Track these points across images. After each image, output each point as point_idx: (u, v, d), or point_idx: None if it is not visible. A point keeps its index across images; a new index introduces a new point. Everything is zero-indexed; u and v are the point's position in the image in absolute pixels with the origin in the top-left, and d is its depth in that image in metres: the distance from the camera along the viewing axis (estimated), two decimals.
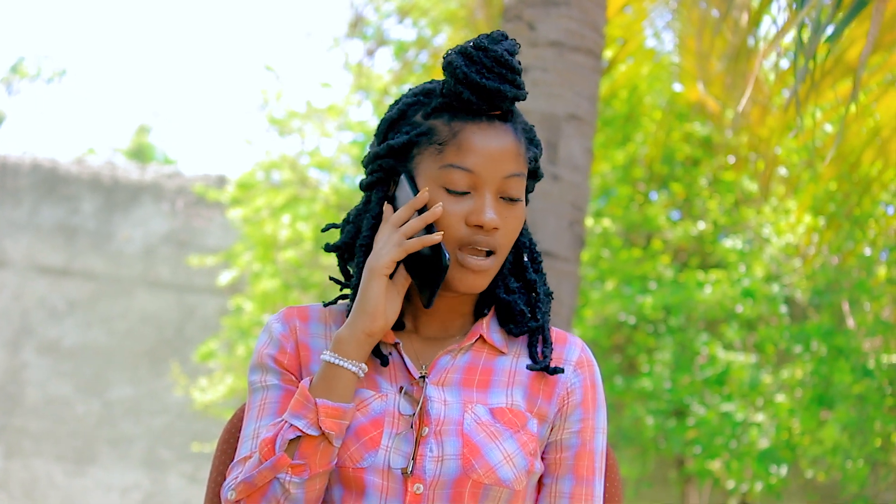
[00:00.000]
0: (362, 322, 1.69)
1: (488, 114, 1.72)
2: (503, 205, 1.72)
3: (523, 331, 1.79)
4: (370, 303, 1.69)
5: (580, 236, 4.03)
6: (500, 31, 1.74)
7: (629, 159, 7.26)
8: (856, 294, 6.12)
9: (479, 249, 1.71)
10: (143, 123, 18.16)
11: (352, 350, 1.69)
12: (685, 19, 5.84)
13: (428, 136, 1.73)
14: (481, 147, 1.70)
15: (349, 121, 8.22)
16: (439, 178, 1.71)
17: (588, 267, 7.05)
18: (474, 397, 1.76)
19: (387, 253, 1.69)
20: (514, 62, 1.71)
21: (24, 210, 10.06)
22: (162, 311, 9.93)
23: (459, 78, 1.70)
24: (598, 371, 1.85)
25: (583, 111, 4.02)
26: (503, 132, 1.72)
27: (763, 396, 6.38)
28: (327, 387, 1.68)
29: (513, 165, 1.72)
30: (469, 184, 1.71)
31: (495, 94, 1.69)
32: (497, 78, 1.70)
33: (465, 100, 1.70)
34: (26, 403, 9.76)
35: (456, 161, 1.70)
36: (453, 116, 1.72)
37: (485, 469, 1.70)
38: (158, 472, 9.67)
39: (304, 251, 7.78)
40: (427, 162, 1.72)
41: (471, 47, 1.71)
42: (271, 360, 1.79)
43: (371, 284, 1.69)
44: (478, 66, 1.70)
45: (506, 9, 4.18)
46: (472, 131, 1.71)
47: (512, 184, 1.72)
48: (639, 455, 6.82)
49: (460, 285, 1.72)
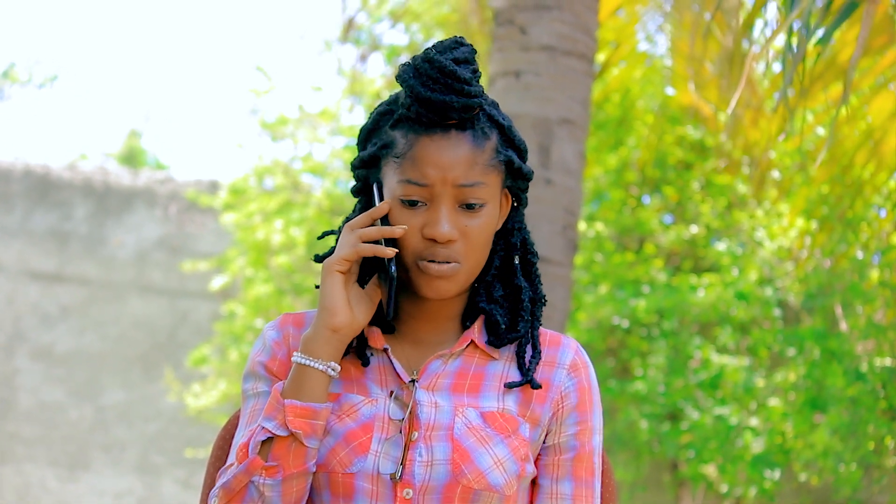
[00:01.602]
0: (323, 318, 1.70)
1: (443, 124, 1.71)
2: (463, 214, 1.72)
3: (502, 342, 1.79)
4: (327, 298, 1.70)
5: (573, 240, 4.03)
6: (453, 38, 1.74)
7: (622, 163, 7.26)
8: (849, 297, 6.12)
9: (438, 260, 1.72)
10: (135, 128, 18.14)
11: (318, 348, 1.69)
12: (677, 23, 5.85)
13: (389, 149, 1.74)
14: (433, 160, 1.70)
15: (341, 126, 8.21)
16: (397, 191, 1.72)
17: (581, 271, 7.05)
18: (465, 401, 1.76)
19: (340, 251, 1.71)
20: (461, 71, 1.69)
21: (17, 216, 10.04)
22: (155, 316, 9.91)
23: (407, 92, 1.71)
24: (594, 372, 1.85)
25: (575, 115, 4.03)
26: (458, 142, 1.71)
27: (756, 400, 6.38)
28: (297, 387, 1.69)
29: (465, 176, 1.71)
30: (424, 196, 1.71)
31: (441, 106, 1.69)
32: (442, 89, 1.69)
33: (415, 113, 1.71)
34: (19, 409, 9.73)
35: (410, 176, 1.71)
36: (410, 129, 1.72)
37: (475, 474, 1.70)
38: (152, 478, 9.65)
39: (297, 256, 7.77)
40: (389, 174, 1.74)
41: (420, 59, 1.71)
42: (262, 368, 1.80)
43: (326, 281, 1.71)
44: (423, 78, 1.70)
45: (498, 13, 4.18)
46: (425, 145, 1.71)
47: (469, 193, 1.71)
48: (633, 459, 6.81)
49: (428, 291, 1.73)
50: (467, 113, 1.71)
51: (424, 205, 1.72)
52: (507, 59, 4.07)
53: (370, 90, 7.97)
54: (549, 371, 1.80)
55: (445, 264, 1.72)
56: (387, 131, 1.76)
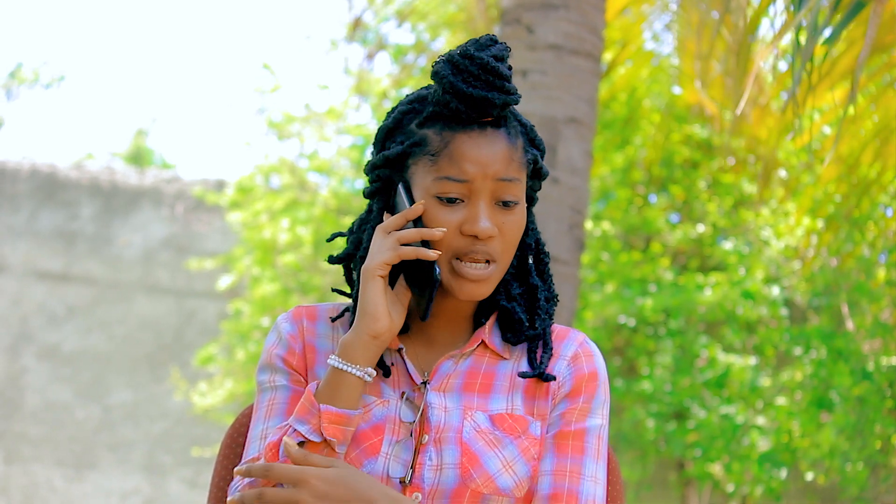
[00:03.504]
0: (365, 324, 1.68)
1: (479, 121, 1.71)
2: (500, 211, 1.72)
3: (521, 339, 1.79)
4: (369, 304, 1.68)
5: (580, 239, 4.02)
6: (488, 36, 1.73)
7: (628, 162, 7.26)
8: (855, 296, 6.12)
9: (476, 258, 1.70)
10: (141, 127, 18.16)
11: (358, 354, 1.68)
12: (684, 21, 5.84)
13: (421, 147, 1.72)
14: (473, 156, 1.69)
15: (348, 124, 8.22)
16: (433, 189, 1.70)
17: (588, 270, 7.05)
18: (475, 403, 1.75)
19: (380, 255, 1.68)
20: (502, 68, 1.69)
21: (23, 215, 10.05)
22: (161, 315, 9.92)
23: (446, 87, 1.69)
24: (601, 361, 1.82)
25: (582, 114, 4.02)
26: (495, 139, 1.71)
27: (763, 399, 6.37)
28: (332, 392, 1.68)
29: (505, 171, 1.71)
30: (462, 193, 1.70)
31: (483, 103, 1.68)
32: (484, 86, 1.68)
33: (453, 109, 1.70)
34: (26, 409, 9.75)
35: (448, 173, 1.69)
36: (445, 126, 1.71)
37: (483, 479, 1.70)
38: (158, 477, 9.66)
39: (304, 255, 7.77)
40: (421, 172, 1.72)
41: (457, 55, 1.70)
42: (280, 361, 1.80)
43: (367, 286, 1.69)
44: (464, 74, 1.69)
45: (504, 12, 4.18)
46: (462, 141, 1.70)
47: (506, 189, 1.71)
48: (639, 458, 6.81)
49: (461, 294, 1.72)
50: (505, 110, 1.71)
51: (462, 202, 1.70)
52: (514, 58, 4.06)
53: (377, 89, 7.97)
54: (552, 364, 1.80)
55: (483, 266, 1.70)
56: (413, 130, 1.74)
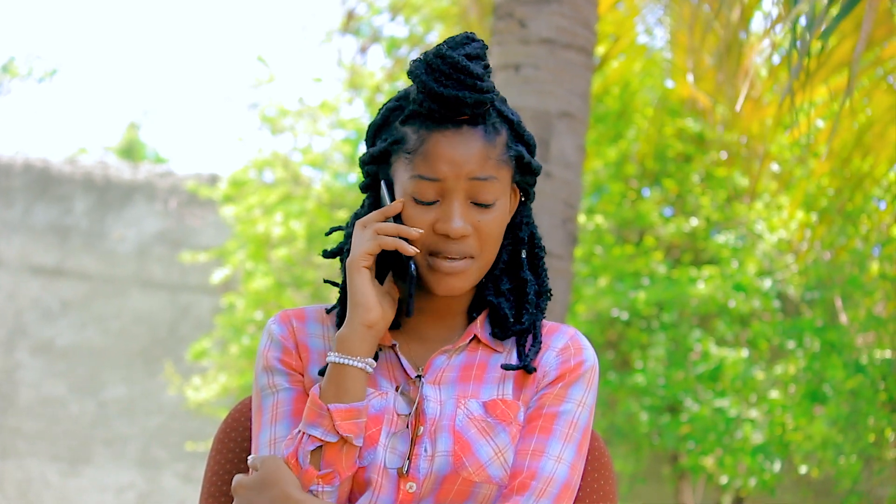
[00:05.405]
0: (357, 315, 1.70)
1: (455, 120, 1.71)
2: (475, 209, 1.72)
3: (507, 334, 1.80)
4: (359, 294, 1.70)
5: (573, 233, 4.03)
6: (465, 34, 1.73)
7: (621, 156, 7.26)
8: (848, 289, 6.12)
9: (451, 256, 1.72)
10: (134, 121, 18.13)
11: (355, 346, 1.70)
12: (677, 15, 5.84)
13: (400, 145, 1.74)
14: (446, 156, 1.70)
15: (341, 118, 8.21)
16: (409, 188, 1.72)
17: (581, 263, 7.05)
18: (469, 391, 1.77)
19: (361, 246, 1.70)
20: (473, 66, 1.69)
21: (17, 210, 10.04)
22: (155, 310, 9.91)
23: (420, 87, 1.70)
24: (592, 354, 1.82)
25: (575, 108, 4.03)
26: (470, 138, 1.71)
27: (756, 392, 6.38)
28: (337, 389, 1.69)
29: (480, 170, 1.71)
30: (436, 193, 1.71)
31: (454, 102, 1.69)
32: (455, 85, 1.69)
33: (428, 108, 1.71)
34: (20, 404, 9.74)
35: (422, 172, 1.71)
36: (422, 125, 1.72)
37: (475, 467, 1.71)
38: (153, 472, 9.66)
39: (297, 249, 7.77)
40: (400, 170, 1.74)
41: (431, 55, 1.70)
42: (277, 362, 1.80)
43: (354, 278, 1.70)
44: (436, 73, 1.69)
45: (497, 6, 4.18)
46: (437, 140, 1.71)
47: (481, 188, 1.72)
48: (632, 451, 6.82)
49: (438, 289, 1.73)
50: (479, 108, 1.71)
51: (436, 201, 1.72)
52: (507, 52, 4.07)
53: (370, 83, 7.97)
54: (542, 355, 1.80)
55: (458, 260, 1.72)
56: (397, 127, 1.75)
